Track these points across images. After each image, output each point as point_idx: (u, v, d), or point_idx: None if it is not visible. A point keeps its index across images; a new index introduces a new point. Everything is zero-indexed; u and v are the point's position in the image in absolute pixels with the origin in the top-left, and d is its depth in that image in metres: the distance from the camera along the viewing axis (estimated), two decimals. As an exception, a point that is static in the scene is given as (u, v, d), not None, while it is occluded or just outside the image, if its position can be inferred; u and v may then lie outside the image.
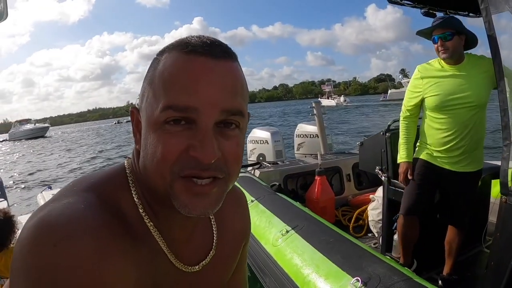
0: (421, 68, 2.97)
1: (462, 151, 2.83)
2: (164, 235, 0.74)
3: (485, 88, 2.72)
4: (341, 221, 4.94)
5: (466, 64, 2.78)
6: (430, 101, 2.87)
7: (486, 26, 2.21)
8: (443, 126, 2.84)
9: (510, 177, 2.21)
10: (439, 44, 2.74)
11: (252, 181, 4.49)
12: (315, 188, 4.84)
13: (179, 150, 0.64)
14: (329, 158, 5.62)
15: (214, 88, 0.65)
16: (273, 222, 3.14)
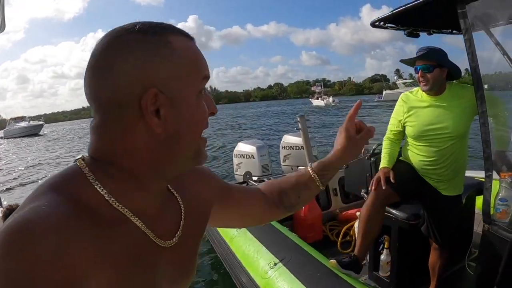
0: (404, 97, 3.06)
1: (441, 178, 2.91)
2: (139, 215, 0.77)
3: (464, 119, 2.77)
4: (328, 236, 4.98)
5: (446, 95, 2.83)
6: (408, 129, 2.97)
7: (469, 57, 2.29)
8: (422, 153, 2.93)
9: (492, 206, 2.29)
10: (420, 75, 2.79)
11: (240, 203, 4.48)
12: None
13: (207, 111, 0.82)
14: (314, 174, 5.61)
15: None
16: (261, 253, 3.18)
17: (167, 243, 0.83)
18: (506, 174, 2.27)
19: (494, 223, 2.26)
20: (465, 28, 2.26)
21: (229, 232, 3.91)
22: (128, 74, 0.70)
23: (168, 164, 0.78)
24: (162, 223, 0.84)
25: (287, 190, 1.24)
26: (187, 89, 0.76)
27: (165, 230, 0.85)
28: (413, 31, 3.28)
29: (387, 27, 3.12)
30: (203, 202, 1.02)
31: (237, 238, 3.67)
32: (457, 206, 3.04)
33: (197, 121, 0.78)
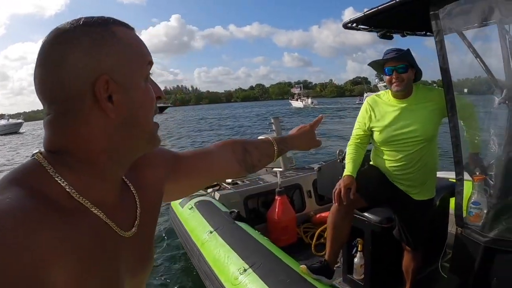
0: (370, 100, 2.97)
1: (411, 183, 2.84)
2: (99, 206, 0.78)
3: (432, 121, 2.71)
4: (303, 239, 4.95)
5: (414, 98, 2.78)
6: (376, 134, 2.88)
7: (440, 59, 2.24)
8: (391, 158, 2.85)
9: (465, 209, 2.25)
10: (394, 77, 2.70)
11: (211, 207, 4.44)
12: (276, 209, 4.84)
13: (154, 95, 0.85)
14: (289, 175, 5.63)
15: None
16: (231, 258, 3.09)
17: (127, 233, 0.85)
18: (479, 178, 2.23)
19: (467, 226, 2.22)
20: (437, 30, 2.21)
21: (200, 236, 3.82)
22: (78, 65, 0.72)
23: (126, 149, 0.82)
24: (121, 213, 0.86)
25: (251, 150, 1.34)
26: (135, 74, 0.80)
27: (124, 220, 0.87)
28: (387, 32, 3.22)
29: (359, 28, 3.05)
30: (153, 187, 1.04)
31: (208, 243, 3.58)
32: (429, 210, 2.98)
33: (148, 104, 0.82)
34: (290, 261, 2.93)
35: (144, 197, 0.96)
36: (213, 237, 3.60)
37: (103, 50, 0.75)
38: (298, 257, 4.26)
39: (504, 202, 2.12)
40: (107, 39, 0.76)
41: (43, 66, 0.75)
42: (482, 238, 2.11)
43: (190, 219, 4.36)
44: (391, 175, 2.90)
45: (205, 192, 5.14)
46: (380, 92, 2.98)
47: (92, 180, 0.78)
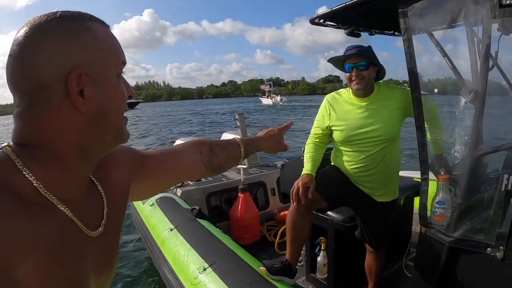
0: (330, 98, 2.86)
1: (374, 185, 2.78)
2: (66, 203, 0.78)
3: (395, 121, 2.66)
4: (266, 237, 4.90)
5: (375, 96, 2.71)
6: (336, 134, 2.78)
7: (407, 58, 2.19)
8: (352, 159, 2.75)
9: (429, 209, 2.22)
10: (354, 74, 2.62)
11: (173, 203, 4.34)
12: (238, 206, 4.78)
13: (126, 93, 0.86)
14: (253, 173, 5.56)
15: None
16: (191, 257, 3.00)
17: (94, 233, 0.85)
18: (443, 177, 2.20)
19: (431, 226, 2.19)
20: (405, 28, 2.16)
21: (160, 234, 3.71)
22: (52, 58, 0.73)
23: (95, 144, 0.82)
24: (88, 212, 0.85)
25: (217, 152, 1.35)
26: (108, 71, 0.80)
27: (91, 219, 0.86)
28: (354, 30, 3.17)
29: (327, 25, 2.98)
30: (120, 186, 1.03)
31: (168, 241, 3.47)
32: (392, 211, 2.92)
33: (118, 101, 0.83)
34: (252, 260, 2.86)
35: (111, 197, 0.96)
36: (173, 235, 3.50)
37: (78, 44, 0.75)
38: (261, 255, 4.25)
39: (469, 202, 2.09)
40: (82, 34, 0.76)
41: (17, 57, 0.74)
42: (447, 238, 2.08)
43: (151, 216, 4.25)
44: (352, 177, 2.81)
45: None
46: (341, 90, 2.90)
47: (60, 176, 0.77)
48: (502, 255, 1.82)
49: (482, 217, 2.02)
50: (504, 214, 1.82)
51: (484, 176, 2.30)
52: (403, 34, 2.18)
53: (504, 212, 1.82)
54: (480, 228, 1.99)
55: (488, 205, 1.99)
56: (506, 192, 1.84)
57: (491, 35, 2.04)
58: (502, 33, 2.19)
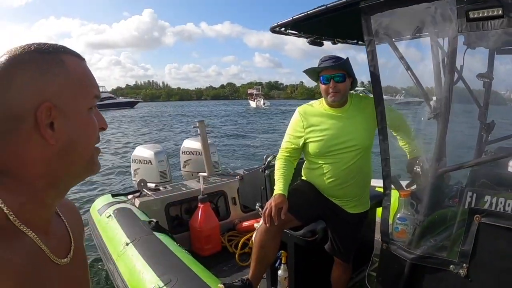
0: (301, 110, 2.75)
1: (349, 198, 2.71)
2: (35, 231, 0.78)
3: (369, 129, 2.60)
4: (227, 247, 4.79)
5: (349, 106, 2.65)
6: (312, 146, 2.66)
7: (371, 70, 2.15)
8: (328, 172, 2.66)
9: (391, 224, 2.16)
10: (331, 86, 2.53)
11: (130, 215, 4.17)
12: (198, 217, 4.66)
13: (98, 125, 0.87)
14: (213, 181, 5.45)
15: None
16: (146, 274, 2.86)
17: (62, 261, 0.85)
18: (405, 193, 2.15)
19: (393, 242, 2.14)
20: (368, 40, 2.11)
21: (116, 248, 3.55)
22: (24, 89, 0.75)
23: (64, 174, 0.83)
24: (55, 240, 0.85)
25: None
26: (79, 104, 0.82)
27: (59, 247, 0.87)
28: (316, 39, 3.11)
29: (288, 33, 2.91)
30: (80, 234, 1.04)
31: (124, 256, 3.32)
32: (364, 222, 2.88)
33: (88, 134, 0.84)
34: (209, 278, 2.75)
35: (74, 234, 0.97)
36: (129, 249, 3.35)
37: (49, 78, 0.77)
38: (221, 267, 4.18)
39: (431, 218, 2.05)
40: (55, 67, 0.78)
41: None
42: (408, 254, 2.03)
43: (108, 229, 4.08)
44: (326, 191, 2.72)
45: (126, 198, 4.88)
46: (312, 102, 2.80)
47: (29, 204, 0.78)
48: (465, 272, 1.78)
49: (444, 234, 2.00)
50: (467, 232, 1.78)
51: (447, 192, 2.27)
52: (366, 46, 2.14)
53: (468, 230, 1.77)
54: (442, 245, 1.96)
55: (451, 222, 1.97)
56: (469, 210, 1.79)
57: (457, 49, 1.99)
58: (467, 47, 2.16)
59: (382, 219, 2.19)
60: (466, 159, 2.17)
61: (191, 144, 6.23)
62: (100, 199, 5.00)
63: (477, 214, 1.73)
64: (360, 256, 3.38)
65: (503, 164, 2.39)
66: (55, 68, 0.78)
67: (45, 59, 0.78)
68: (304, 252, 3.10)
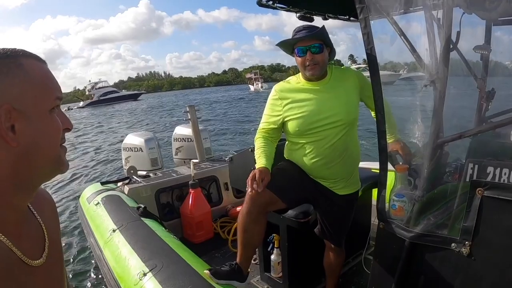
0: (278, 88, 2.58)
1: (337, 178, 2.54)
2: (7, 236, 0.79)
3: (353, 103, 2.45)
4: (219, 234, 4.70)
5: (329, 79, 2.48)
6: (292, 125, 2.49)
7: (365, 39, 1.98)
8: (309, 151, 2.49)
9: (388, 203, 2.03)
10: (308, 58, 2.35)
11: (118, 202, 4.07)
12: (189, 203, 4.57)
13: (61, 126, 0.88)
14: (204, 167, 5.34)
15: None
16: (132, 260, 2.75)
17: (35, 262, 0.86)
18: (402, 168, 2.03)
19: (390, 220, 2.01)
20: (360, 7, 1.95)
21: (103, 235, 3.44)
22: None
23: (30, 175, 0.83)
24: (28, 242, 0.86)
25: None
26: (40, 106, 0.82)
27: (33, 249, 0.87)
28: (306, 13, 2.96)
29: (276, 7, 2.76)
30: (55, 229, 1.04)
31: (110, 243, 3.20)
32: (355, 204, 2.72)
33: (51, 135, 0.84)
34: (197, 263, 2.65)
35: (50, 232, 0.97)
36: (115, 236, 3.24)
37: (7, 81, 0.78)
38: (214, 254, 4.13)
39: (430, 194, 1.93)
40: (13, 71, 0.79)
41: None
42: (407, 233, 1.91)
43: (95, 216, 3.98)
44: (312, 171, 2.56)
45: (115, 186, 4.77)
46: (289, 78, 2.63)
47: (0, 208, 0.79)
48: (468, 250, 1.67)
49: (445, 210, 1.88)
50: (469, 207, 1.65)
51: (446, 166, 2.14)
52: (359, 14, 1.97)
53: (470, 204, 1.65)
54: (443, 222, 1.84)
55: (451, 197, 1.85)
56: (471, 182, 1.66)
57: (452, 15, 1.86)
58: (464, 11, 2.03)
59: (378, 196, 2.06)
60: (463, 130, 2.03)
61: (182, 130, 6.12)
62: (89, 188, 4.92)
63: (479, 187, 1.60)
64: (356, 240, 3.29)
65: (506, 133, 2.27)
66: (14, 71, 0.79)
67: (4, 63, 0.78)
68: (297, 235, 3.00)
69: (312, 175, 2.59)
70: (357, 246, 3.42)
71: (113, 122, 33.94)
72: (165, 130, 21.19)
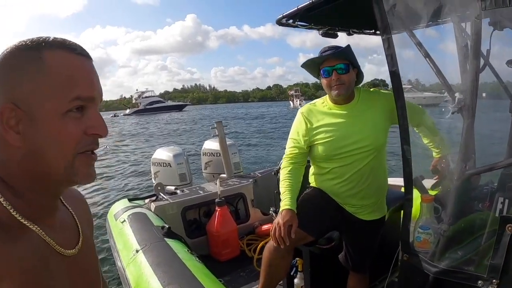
0: (304, 111, 2.52)
1: (363, 203, 2.46)
2: (40, 225, 0.78)
3: (382, 127, 2.37)
4: (245, 252, 4.65)
5: (357, 102, 2.41)
6: (318, 149, 2.42)
7: (388, 60, 1.88)
8: (336, 176, 2.42)
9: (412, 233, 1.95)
10: (334, 78, 2.30)
11: (144, 221, 4.03)
12: (215, 221, 4.53)
13: (81, 132, 0.78)
14: (232, 184, 5.30)
15: (99, 83, 0.83)
16: (151, 283, 2.72)
17: (69, 252, 0.85)
18: (428, 198, 1.93)
19: (414, 253, 1.92)
20: (383, 27, 1.86)
21: (127, 255, 3.42)
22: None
23: (38, 178, 0.78)
24: (61, 234, 0.85)
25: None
26: (48, 106, 0.75)
27: (64, 239, 0.86)
28: (329, 30, 2.89)
29: (297, 25, 2.68)
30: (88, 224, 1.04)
31: (133, 263, 3.18)
32: (381, 230, 2.62)
33: (61, 140, 0.76)
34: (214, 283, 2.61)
35: (83, 226, 0.97)
36: (138, 257, 3.21)
37: (20, 76, 0.74)
38: (239, 273, 4.10)
39: (456, 227, 1.82)
40: (29, 65, 0.74)
41: None
42: (432, 268, 1.81)
43: (121, 235, 3.97)
44: (338, 197, 2.50)
45: (143, 202, 4.77)
46: (316, 101, 2.58)
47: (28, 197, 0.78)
48: (495, 289, 1.56)
49: (472, 245, 1.77)
50: (498, 243, 1.55)
51: (475, 196, 2.03)
52: (381, 33, 1.89)
53: (498, 241, 1.55)
54: (469, 258, 1.74)
55: (479, 232, 1.75)
56: (501, 218, 1.57)
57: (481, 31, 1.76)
58: (494, 28, 1.93)
59: (403, 226, 1.96)
60: (497, 159, 1.91)
61: (211, 145, 6.14)
62: (117, 204, 4.93)
63: (509, 223, 1.51)
64: (383, 263, 3.17)
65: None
66: (29, 66, 0.74)
67: (22, 56, 0.74)
68: (320, 260, 2.92)
69: (338, 200, 2.52)
70: (383, 268, 3.31)
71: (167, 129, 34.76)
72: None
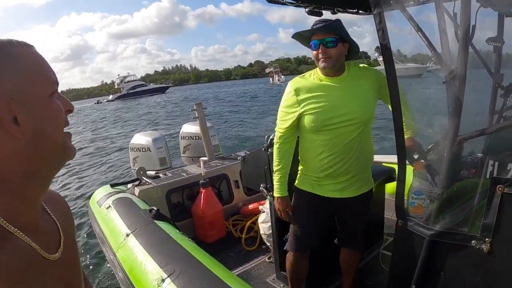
0: (294, 83, 2.53)
1: (350, 176, 2.50)
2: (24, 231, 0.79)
3: (370, 101, 2.41)
4: (232, 232, 4.70)
5: (347, 76, 2.44)
6: (307, 120, 2.44)
7: (379, 34, 1.95)
8: (324, 149, 2.45)
9: (406, 199, 2.02)
10: (320, 51, 2.33)
11: (130, 205, 4.03)
12: (200, 202, 4.55)
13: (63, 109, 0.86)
14: (214, 165, 5.30)
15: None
16: (148, 266, 2.73)
17: (53, 256, 0.86)
18: (420, 165, 2.01)
19: (409, 218, 2.00)
20: (374, 2, 1.91)
21: (116, 240, 3.41)
22: None
23: (39, 165, 0.82)
24: (44, 237, 0.86)
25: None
26: (37, 93, 0.80)
27: (49, 244, 0.87)
28: (315, 8, 2.92)
29: (285, 3, 2.72)
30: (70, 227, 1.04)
31: (124, 248, 3.18)
32: (370, 202, 2.71)
33: (54, 119, 0.83)
34: (214, 265, 2.62)
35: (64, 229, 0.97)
36: (130, 240, 3.21)
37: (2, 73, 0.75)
38: (227, 253, 4.07)
39: (449, 191, 1.91)
40: (4, 61, 0.77)
41: None
42: (427, 231, 1.90)
43: (107, 220, 3.94)
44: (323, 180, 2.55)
45: (125, 187, 4.75)
46: (305, 73, 2.60)
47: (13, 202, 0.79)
48: (488, 247, 1.65)
49: (464, 207, 1.86)
50: (489, 204, 1.63)
51: (464, 162, 2.11)
52: (372, 8, 1.93)
53: (490, 201, 1.63)
54: (463, 220, 1.83)
55: (471, 194, 1.84)
56: (491, 179, 1.65)
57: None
58: (480, 4, 2.00)
59: (397, 193, 2.02)
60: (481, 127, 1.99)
61: (189, 128, 6.09)
62: (99, 190, 4.86)
63: (500, 184, 1.59)
64: (370, 236, 3.26)
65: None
66: (5, 62, 0.77)
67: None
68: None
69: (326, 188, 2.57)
70: (371, 241, 3.40)
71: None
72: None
